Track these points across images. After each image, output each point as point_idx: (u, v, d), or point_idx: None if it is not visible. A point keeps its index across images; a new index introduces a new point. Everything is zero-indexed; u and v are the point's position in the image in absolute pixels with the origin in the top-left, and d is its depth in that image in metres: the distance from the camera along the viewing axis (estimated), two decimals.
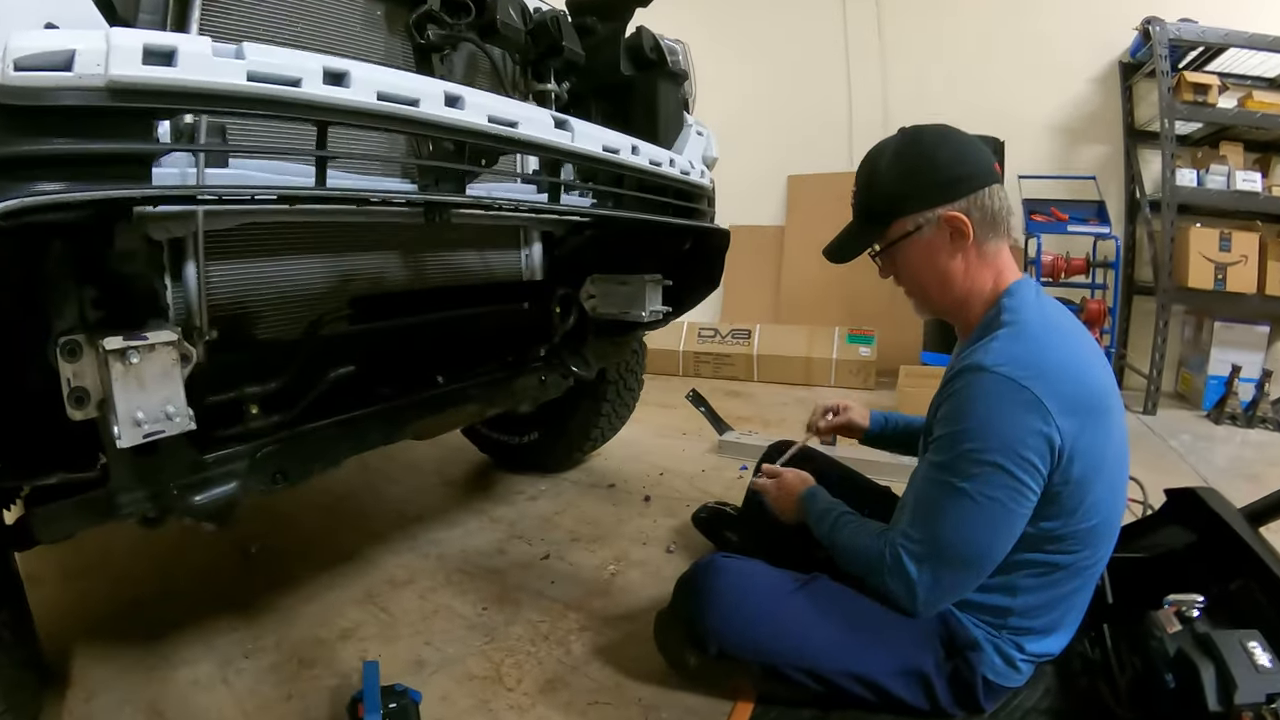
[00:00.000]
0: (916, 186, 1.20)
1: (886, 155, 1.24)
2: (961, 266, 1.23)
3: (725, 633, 1.28)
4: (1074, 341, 1.19)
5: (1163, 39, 3.83)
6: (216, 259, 1.27)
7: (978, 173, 1.20)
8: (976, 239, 1.20)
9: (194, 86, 0.73)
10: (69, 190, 0.70)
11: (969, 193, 1.19)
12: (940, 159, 1.20)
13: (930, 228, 1.21)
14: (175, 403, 0.93)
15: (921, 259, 1.24)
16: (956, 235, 1.20)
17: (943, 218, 1.19)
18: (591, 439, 2.64)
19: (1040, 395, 1.07)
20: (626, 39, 1.88)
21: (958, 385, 1.14)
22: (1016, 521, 1.13)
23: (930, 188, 1.20)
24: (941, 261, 1.23)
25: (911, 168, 1.21)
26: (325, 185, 0.87)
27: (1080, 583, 1.25)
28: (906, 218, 1.22)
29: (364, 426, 1.40)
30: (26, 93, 0.67)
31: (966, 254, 1.22)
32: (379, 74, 0.91)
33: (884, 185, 1.24)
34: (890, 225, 1.25)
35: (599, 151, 1.37)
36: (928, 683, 1.24)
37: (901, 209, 1.22)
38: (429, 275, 1.69)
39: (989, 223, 1.21)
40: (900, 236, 1.24)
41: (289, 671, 1.54)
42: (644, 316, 1.86)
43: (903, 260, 1.27)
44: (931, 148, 1.21)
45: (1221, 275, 3.85)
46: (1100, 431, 1.14)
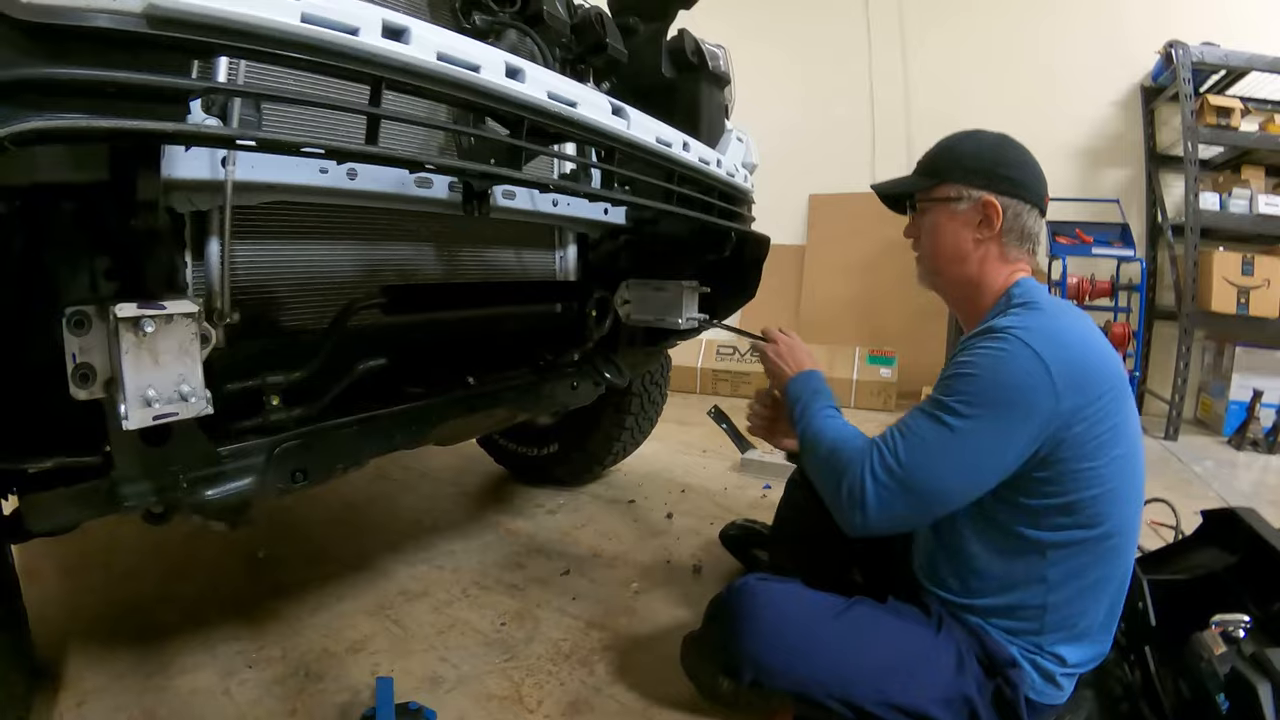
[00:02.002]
0: (976, 165, 1.28)
1: (972, 135, 1.34)
2: (979, 252, 1.28)
3: (762, 661, 1.22)
4: (1086, 323, 1.22)
5: (1185, 62, 3.83)
6: (240, 239, 1.20)
7: (1029, 188, 1.27)
8: (1001, 233, 1.26)
9: (242, 22, 0.65)
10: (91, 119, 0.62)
11: (1014, 196, 1.26)
12: (1008, 158, 1.28)
13: (967, 203, 1.27)
14: (191, 382, 0.84)
15: (947, 227, 1.30)
16: (985, 222, 1.26)
17: (981, 200, 1.26)
18: (613, 453, 2.55)
19: (1049, 364, 1.09)
20: (668, 41, 1.84)
21: (969, 344, 1.18)
22: (989, 473, 1.13)
23: (986, 172, 1.27)
24: (963, 238, 1.29)
25: (981, 151, 1.29)
26: (377, 143, 0.79)
27: (1107, 570, 1.20)
28: (952, 185, 1.29)
29: (390, 426, 1.31)
30: (54, 11, 0.59)
31: (987, 243, 1.28)
32: (440, 35, 0.84)
33: (951, 151, 1.32)
34: (938, 185, 1.31)
35: (652, 143, 1.31)
36: (973, 707, 1.19)
37: (952, 174, 1.29)
38: (462, 270, 1.62)
39: (1017, 230, 1.28)
40: (940, 198, 1.30)
41: (295, 684, 1.45)
42: (680, 324, 1.79)
43: (931, 222, 1.33)
44: (1008, 147, 1.29)
45: (1244, 299, 3.80)
46: (1115, 406, 1.15)
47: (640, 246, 1.93)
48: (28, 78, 0.61)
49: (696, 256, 1.87)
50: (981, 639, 1.23)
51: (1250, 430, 3.71)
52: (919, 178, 1.35)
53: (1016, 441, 1.10)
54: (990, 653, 1.21)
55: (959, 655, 1.21)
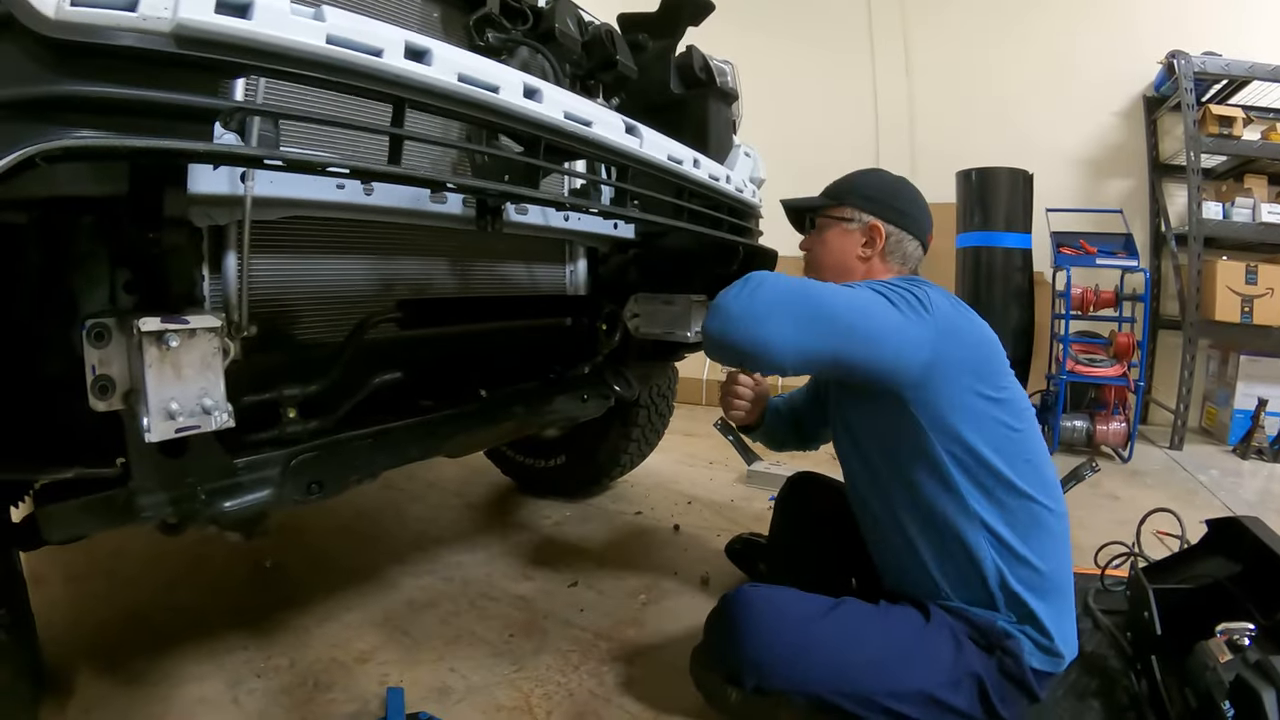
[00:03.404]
0: (871, 194, 1.48)
1: (876, 171, 1.55)
2: (863, 267, 1.46)
3: (762, 665, 1.24)
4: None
5: (1187, 72, 3.87)
6: (257, 253, 1.21)
7: (914, 221, 1.47)
8: (883, 253, 1.46)
9: (268, 43, 0.67)
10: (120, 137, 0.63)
11: (898, 225, 1.45)
12: (901, 194, 1.49)
13: (857, 224, 1.46)
14: (214, 395, 0.86)
15: (837, 242, 1.48)
16: (870, 242, 1.45)
17: (870, 224, 1.45)
18: (620, 465, 2.56)
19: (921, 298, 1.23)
20: (677, 57, 1.86)
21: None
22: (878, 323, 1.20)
23: (878, 201, 1.47)
24: (850, 253, 1.47)
25: (880, 185, 1.51)
26: (400, 163, 0.80)
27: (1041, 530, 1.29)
28: (848, 207, 1.48)
29: (404, 438, 1.33)
30: (82, 29, 0.60)
31: (871, 260, 1.46)
32: (461, 56, 0.86)
33: (853, 181, 1.52)
34: (836, 206, 1.49)
35: (664, 161, 1.32)
36: (981, 684, 1.22)
37: (849, 199, 1.48)
38: (474, 285, 1.63)
39: (899, 254, 1.47)
40: (836, 216, 1.49)
41: (303, 694, 1.45)
42: (689, 337, 1.80)
43: (825, 235, 1.50)
44: (903, 187, 1.52)
45: (1248, 308, 3.82)
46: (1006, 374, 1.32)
47: (649, 261, 1.95)
48: (58, 95, 0.62)
49: (705, 270, 1.88)
50: (969, 619, 1.27)
51: (1255, 439, 3.72)
52: (823, 198, 1.54)
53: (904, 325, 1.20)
54: (982, 630, 1.26)
55: (954, 637, 1.25)
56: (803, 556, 1.72)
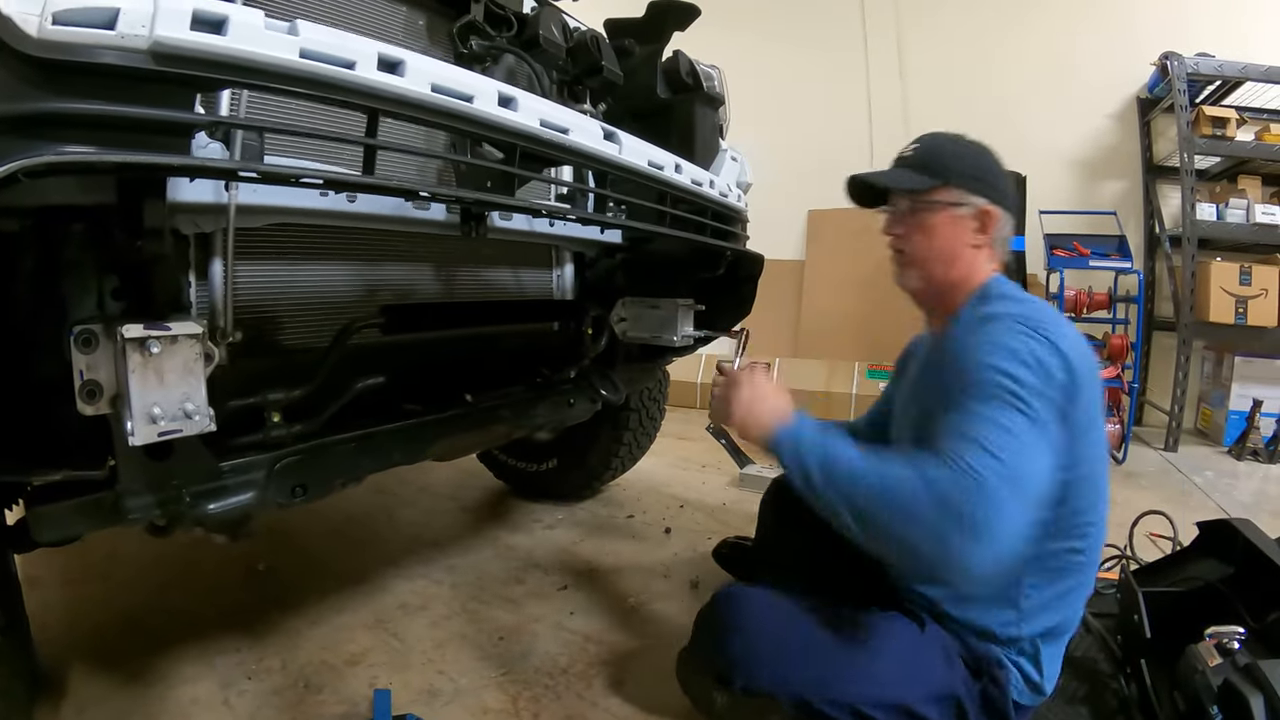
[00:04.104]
0: (981, 173, 1.29)
1: (957, 139, 1.33)
2: (970, 256, 1.29)
3: (749, 666, 1.21)
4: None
5: (1181, 73, 3.89)
6: (243, 260, 1.23)
7: (1010, 199, 1.31)
8: (991, 242, 1.30)
9: (243, 58, 0.68)
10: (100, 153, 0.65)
11: (1002, 206, 1.29)
12: (997, 169, 1.31)
13: (968, 210, 1.28)
14: (195, 400, 0.87)
15: (946, 232, 1.29)
16: (981, 229, 1.28)
17: (982, 209, 1.27)
18: (611, 468, 2.57)
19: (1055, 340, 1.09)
20: (663, 62, 1.87)
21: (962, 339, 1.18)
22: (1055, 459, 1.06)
23: (988, 182, 1.28)
24: (960, 242, 1.29)
25: (978, 160, 1.31)
26: (374, 174, 0.82)
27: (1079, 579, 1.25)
28: (956, 189, 1.27)
29: (388, 443, 1.34)
30: (63, 48, 0.62)
31: (979, 249, 1.29)
32: (434, 66, 0.87)
33: (952, 153, 1.30)
34: (939, 187, 1.28)
35: (644, 167, 1.34)
36: (961, 707, 1.19)
37: (956, 179, 1.28)
38: (460, 290, 1.65)
39: (1001, 239, 1.31)
40: (939, 201, 1.28)
41: (294, 696, 1.47)
42: (675, 341, 1.81)
43: (925, 225, 1.30)
44: (995, 158, 1.33)
45: (1242, 309, 3.84)
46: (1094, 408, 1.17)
47: (636, 265, 1.96)
48: (39, 111, 0.64)
49: (691, 274, 1.90)
50: (965, 640, 1.24)
51: (1250, 440, 3.74)
52: (915, 174, 1.29)
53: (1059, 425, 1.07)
54: (976, 654, 1.23)
55: (945, 654, 1.22)
56: (790, 558, 1.63)
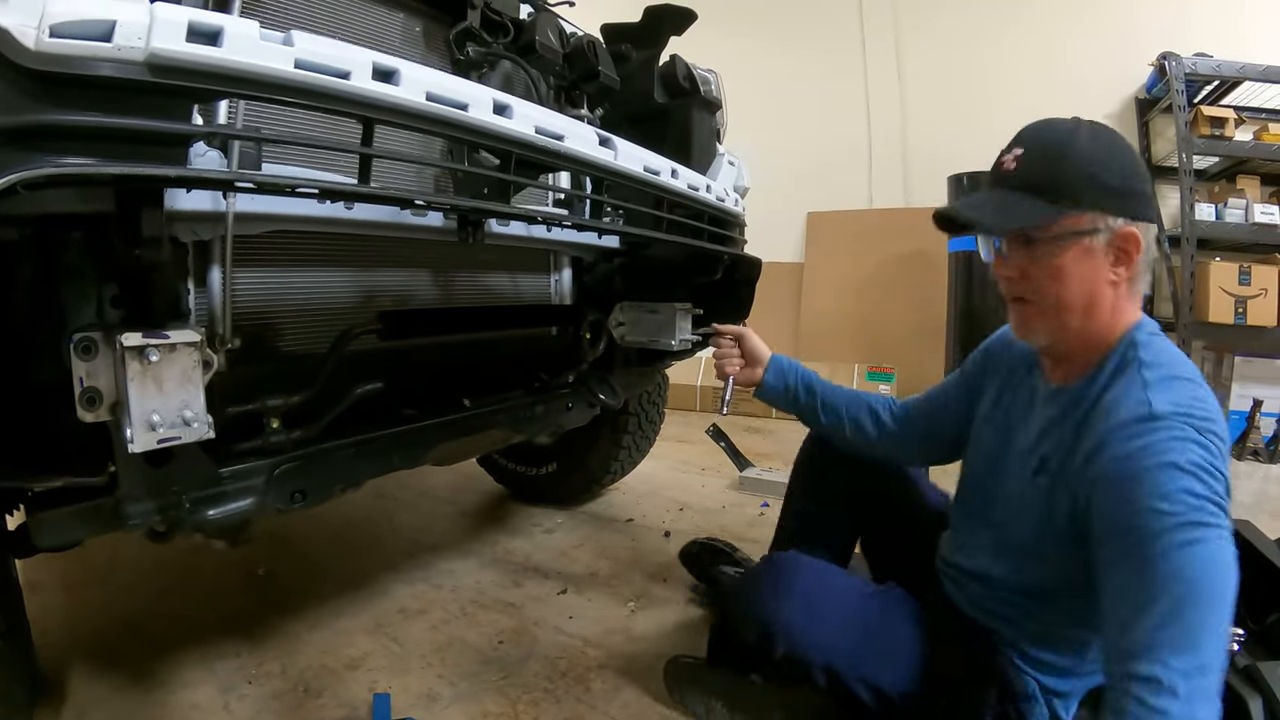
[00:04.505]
0: (1110, 181, 0.97)
1: (1083, 131, 1.00)
2: (1111, 295, 1.01)
3: (797, 629, 1.17)
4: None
5: (1179, 74, 3.89)
6: (241, 266, 1.24)
7: (1151, 203, 1.02)
8: (1133, 273, 1.01)
9: (238, 69, 0.69)
10: (98, 164, 0.65)
11: (1149, 220, 1.00)
12: (1132, 164, 1.00)
13: (1105, 235, 0.98)
14: (194, 408, 0.88)
15: (1080, 271, 1.00)
16: (1121, 258, 0.99)
17: (1122, 231, 0.97)
18: (610, 472, 2.57)
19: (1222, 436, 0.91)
20: (660, 67, 1.88)
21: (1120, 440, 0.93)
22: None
23: (1128, 192, 0.98)
24: (1099, 280, 1.00)
25: (1120, 159, 0.99)
26: (369, 183, 0.83)
27: None
28: (1088, 213, 0.97)
29: (387, 448, 1.35)
30: (60, 60, 0.63)
31: (1119, 283, 1.01)
32: (429, 74, 0.88)
33: (1081, 160, 0.98)
34: (1069, 214, 0.98)
35: (640, 172, 1.34)
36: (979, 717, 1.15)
37: (1092, 198, 0.97)
38: (458, 295, 1.66)
39: (1147, 261, 1.02)
40: (1072, 231, 0.98)
41: (294, 700, 1.47)
42: (674, 345, 1.82)
43: (1053, 266, 1.00)
44: (1126, 148, 1.01)
45: (1241, 309, 3.84)
46: None
47: (634, 269, 1.97)
48: (37, 124, 0.65)
49: (689, 279, 1.90)
50: (1005, 668, 1.16)
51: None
52: (1035, 201, 0.99)
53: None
54: (1010, 682, 1.15)
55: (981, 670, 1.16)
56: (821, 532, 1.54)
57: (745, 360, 1.56)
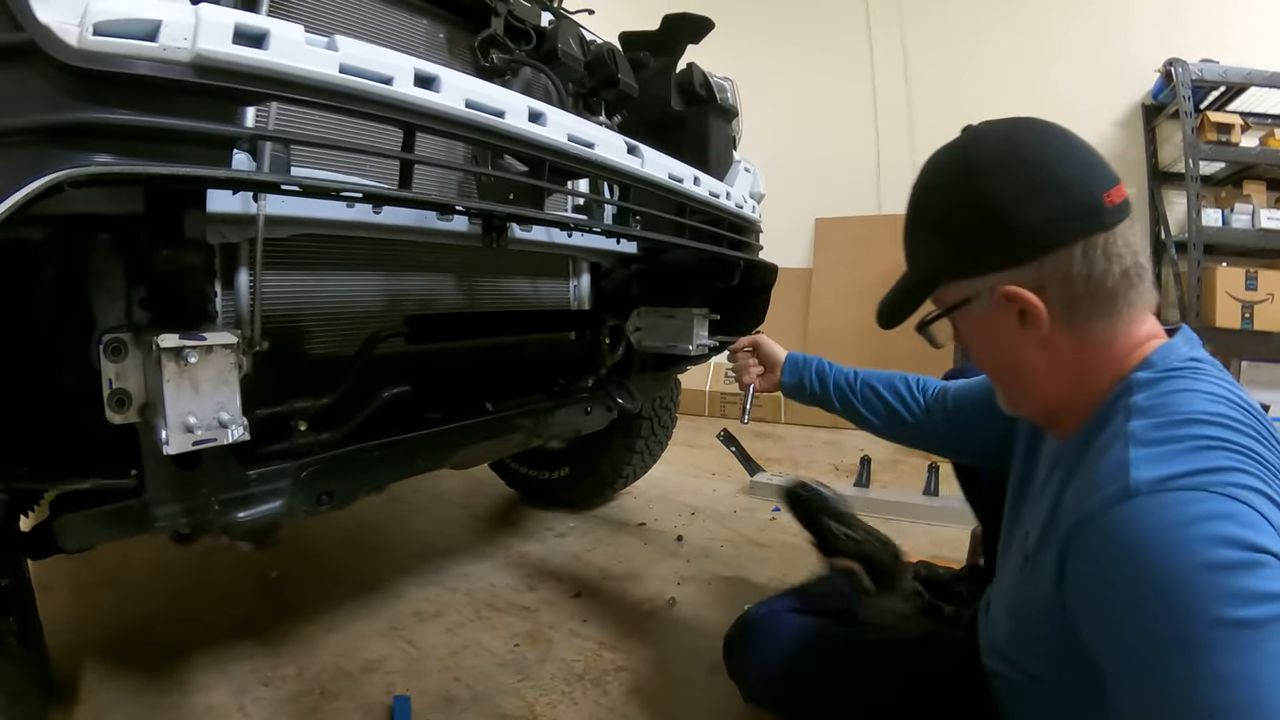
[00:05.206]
0: (964, 238, 0.81)
1: (932, 175, 0.87)
2: (1044, 360, 0.81)
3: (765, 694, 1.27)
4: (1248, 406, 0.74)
5: (1185, 80, 3.90)
6: (267, 269, 1.24)
7: (1061, 217, 0.76)
8: (1062, 322, 0.78)
9: (284, 72, 0.70)
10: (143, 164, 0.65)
11: (1046, 251, 0.76)
12: (1001, 193, 0.77)
13: (984, 303, 0.81)
14: (230, 410, 0.88)
15: (983, 342, 0.88)
16: (1027, 316, 0.79)
17: (1001, 293, 0.79)
18: (623, 476, 2.57)
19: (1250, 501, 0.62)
20: (677, 75, 1.89)
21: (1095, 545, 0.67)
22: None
23: (983, 244, 0.79)
24: (1011, 350, 0.83)
25: (959, 204, 0.81)
26: (410, 188, 0.83)
27: None
28: (953, 284, 0.85)
29: (411, 451, 1.35)
30: (104, 58, 0.63)
31: (1051, 343, 0.80)
32: (468, 82, 0.89)
33: (924, 225, 0.88)
34: (934, 289, 0.88)
35: (665, 179, 1.35)
36: None
37: (945, 270, 0.85)
38: (480, 300, 1.67)
39: (1084, 299, 0.77)
40: (947, 308, 0.87)
41: (310, 703, 1.47)
42: (690, 350, 1.82)
43: (964, 334, 0.90)
44: (992, 173, 0.78)
45: (1248, 314, 3.84)
46: None
47: (651, 275, 1.98)
48: (81, 122, 0.65)
49: (706, 284, 1.91)
50: None
51: None
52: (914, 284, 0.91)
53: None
54: None
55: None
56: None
57: (763, 367, 1.56)
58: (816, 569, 1.67)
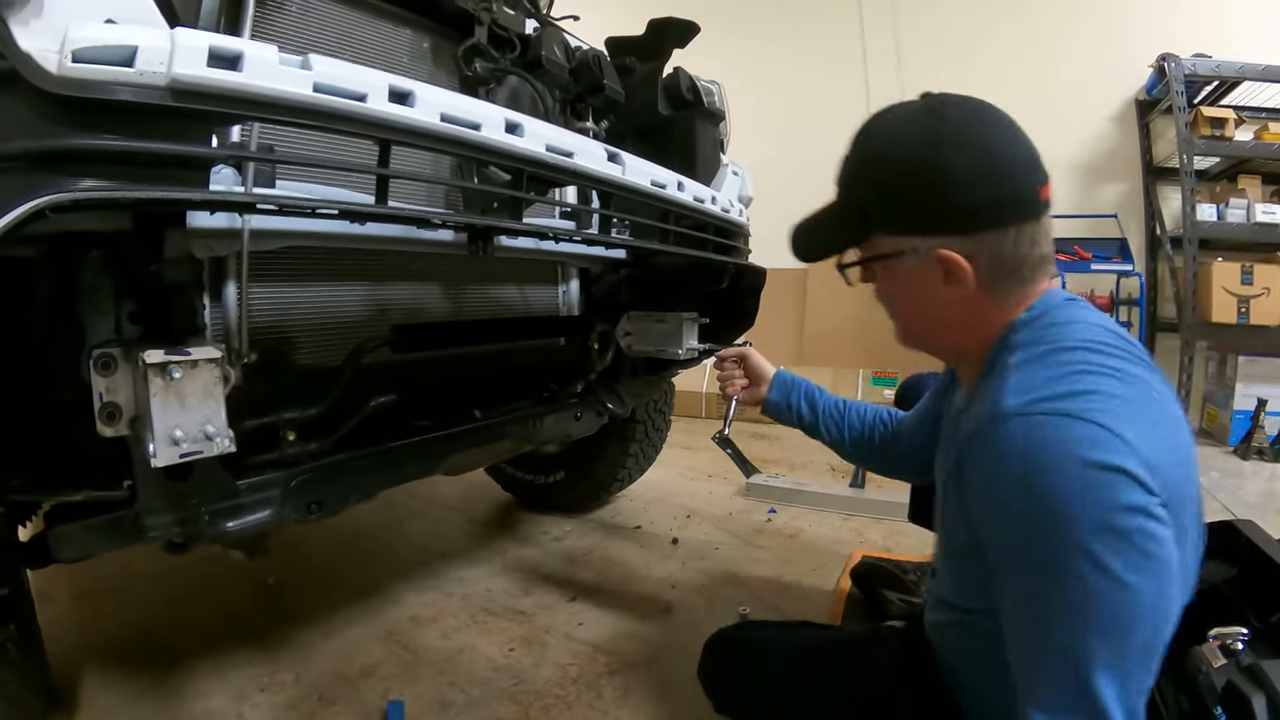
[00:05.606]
0: (913, 201, 0.87)
1: (891, 133, 0.91)
2: (960, 313, 0.92)
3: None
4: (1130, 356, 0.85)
5: (1178, 75, 3.91)
6: (256, 282, 1.26)
7: (1006, 203, 0.85)
8: (983, 286, 0.88)
9: (258, 93, 0.71)
10: (123, 188, 0.67)
11: (985, 228, 0.85)
12: (958, 170, 0.84)
13: (917, 259, 0.89)
14: (215, 423, 0.90)
15: (904, 291, 0.95)
16: (951, 275, 0.88)
17: (935, 254, 0.87)
18: (618, 479, 2.59)
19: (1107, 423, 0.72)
20: (664, 79, 1.90)
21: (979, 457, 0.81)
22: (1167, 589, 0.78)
23: (930, 210, 0.86)
24: (932, 303, 0.92)
25: (914, 170, 0.86)
26: (386, 204, 0.85)
27: None
28: (889, 237, 0.91)
29: (400, 459, 1.36)
30: (83, 85, 0.65)
31: (969, 300, 0.89)
32: (442, 95, 0.90)
33: (873, 179, 0.92)
34: (870, 235, 0.94)
35: (647, 186, 1.36)
36: None
37: (885, 223, 0.91)
38: (468, 308, 1.68)
39: (1007, 272, 0.88)
40: (878, 255, 0.94)
41: (308, 708, 1.49)
42: (680, 354, 1.83)
43: (883, 280, 0.97)
44: (953, 148, 0.85)
45: (1244, 309, 3.85)
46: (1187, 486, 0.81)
47: (641, 280, 1.99)
48: (62, 148, 0.67)
49: (695, 289, 1.92)
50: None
51: (1256, 439, 3.70)
52: (844, 224, 0.96)
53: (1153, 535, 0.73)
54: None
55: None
56: None
57: (749, 379, 1.58)
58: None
